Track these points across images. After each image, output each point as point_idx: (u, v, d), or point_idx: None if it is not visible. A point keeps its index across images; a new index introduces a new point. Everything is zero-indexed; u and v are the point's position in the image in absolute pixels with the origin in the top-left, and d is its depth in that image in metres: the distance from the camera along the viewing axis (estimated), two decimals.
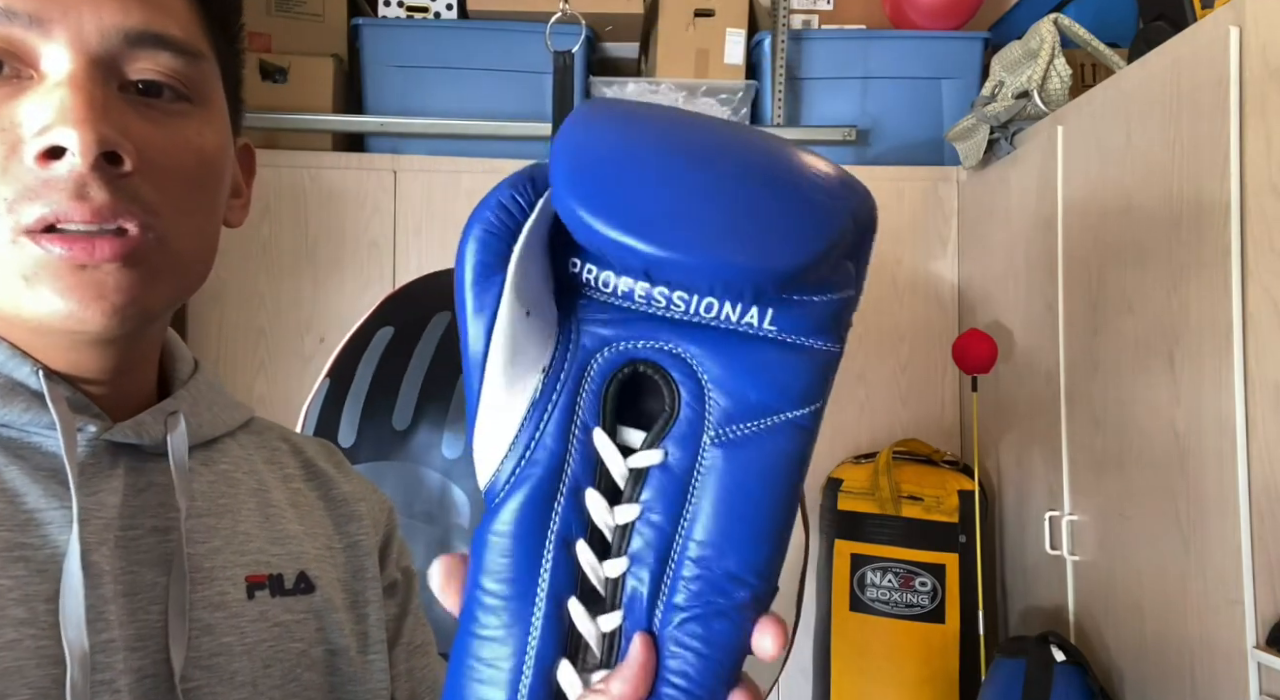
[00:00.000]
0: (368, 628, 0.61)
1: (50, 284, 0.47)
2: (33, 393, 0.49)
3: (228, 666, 0.51)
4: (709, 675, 0.37)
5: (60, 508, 0.48)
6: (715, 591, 0.37)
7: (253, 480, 0.59)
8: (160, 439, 0.53)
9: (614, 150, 0.37)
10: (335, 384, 1.15)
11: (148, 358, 0.56)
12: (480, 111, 2.26)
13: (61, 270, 0.46)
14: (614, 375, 0.39)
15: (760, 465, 0.38)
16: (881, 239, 2.27)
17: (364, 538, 0.64)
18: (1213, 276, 1.31)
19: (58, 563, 0.47)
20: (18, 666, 0.44)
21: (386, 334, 1.17)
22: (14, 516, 0.47)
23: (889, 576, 2.00)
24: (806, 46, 2.34)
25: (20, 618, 0.45)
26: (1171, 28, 1.51)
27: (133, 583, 0.49)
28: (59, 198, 0.46)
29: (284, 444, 0.64)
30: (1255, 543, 1.23)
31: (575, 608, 0.37)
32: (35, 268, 0.46)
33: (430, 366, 1.13)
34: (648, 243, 0.35)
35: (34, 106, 0.46)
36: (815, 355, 0.38)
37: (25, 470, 0.48)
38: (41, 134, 0.46)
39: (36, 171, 0.46)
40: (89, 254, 0.46)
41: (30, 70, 0.47)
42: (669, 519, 0.38)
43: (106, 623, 0.47)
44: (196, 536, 0.53)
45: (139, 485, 0.52)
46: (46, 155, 0.46)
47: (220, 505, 0.56)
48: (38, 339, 0.50)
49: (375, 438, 1.10)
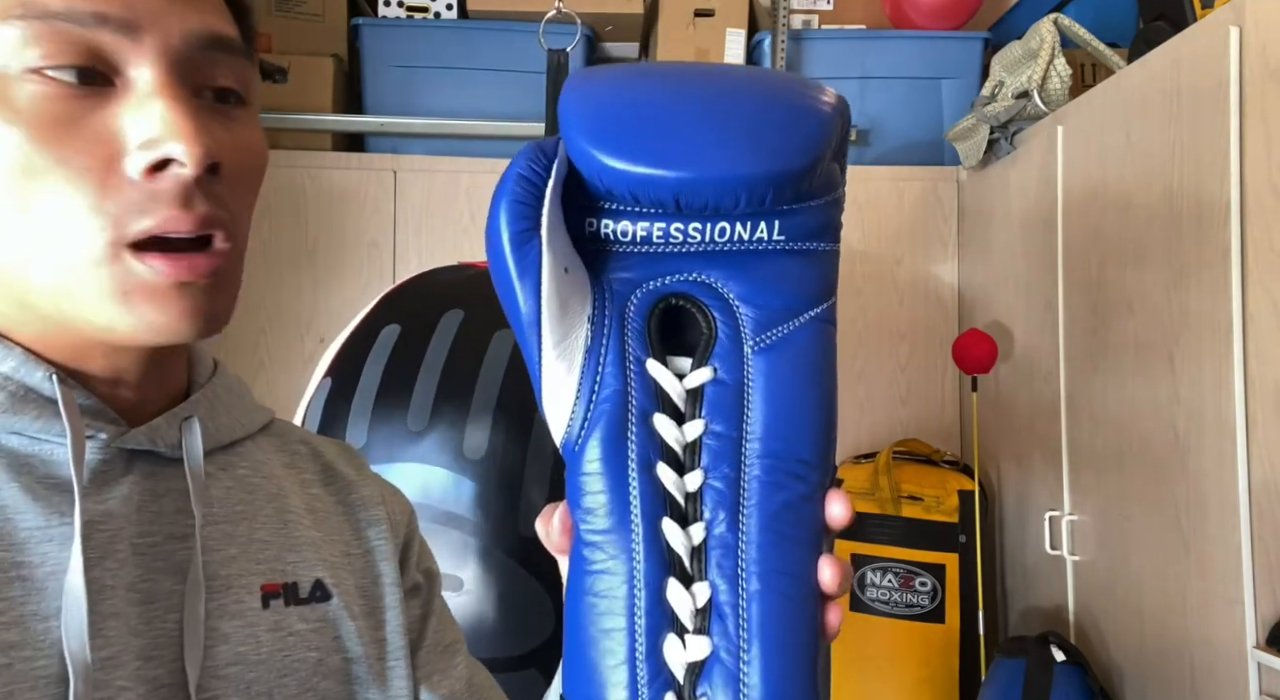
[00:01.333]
0: (386, 634, 0.60)
1: (149, 300, 0.46)
2: (45, 399, 0.48)
3: (243, 676, 0.51)
4: (810, 554, 0.41)
5: (62, 523, 0.47)
6: (794, 478, 0.41)
7: (271, 485, 0.58)
8: (176, 444, 0.52)
9: (618, 98, 0.41)
10: (338, 383, 1.12)
11: (176, 360, 0.55)
12: (480, 111, 2.26)
13: (161, 287, 0.46)
14: (652, 310, 0.42)
15: (799, 361, 0.42)
16: (881, 239, 2.28)
17: (383, 542, 0.63)
18: (1213, 276, 1.31)
19: (58, 579, 0.46)
20: (9, 692, 0.43)
21: (393, 332, 1.14)
22: (12, 535, 0.46)
23: (889, 576, 2.00)
24: (806, 46, 2.34)
25: (11, 641, 0.43)
26: (1171, 28, 1.51)
27: (149, 591, 0.49)
28: (165, 210, 0.46)
29: (303, 447, 0.64)
30: (1255, 543, 1.23)
31: (669, 526, 0.41)
32: (136, 285, 0.46)
33: (445, 366, 1.10)
34: (676, 169, 0.39)
35: (132, 118, 0.46)
36: (821, 256, 0.43)
37: (27, 485, 0.47)
38: (149, 147, 0.45)
39: (141, 185, 0.46)
40: (191, 271, 0.47)
41: (114, 77, 0.46)
42: (732, 426, 0.41)
43: (108, 638, 0.46)
44: (212, 544, 0.52)
45: (156, 491, 0.51)
46: (154, 169, 0.46)
47: (237, 512, 0.55)
48: (49, 338, 0.49)
49: (389, 438, 1.07)
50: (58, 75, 0.44)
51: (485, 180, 2.23)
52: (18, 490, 0.47)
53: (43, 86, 0.44)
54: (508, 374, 1.08)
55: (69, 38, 0.44)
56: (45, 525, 0.46)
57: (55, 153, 0.44)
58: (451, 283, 1.22)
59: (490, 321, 1.12)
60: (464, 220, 2.23)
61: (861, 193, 2.29)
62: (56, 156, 0.44)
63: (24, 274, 0.46)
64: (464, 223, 2.23)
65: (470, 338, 1.11)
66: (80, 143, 0.45)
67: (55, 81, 0.44)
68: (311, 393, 1.14)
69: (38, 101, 0.44)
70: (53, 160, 0.44)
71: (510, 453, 1.05)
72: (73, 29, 0.44)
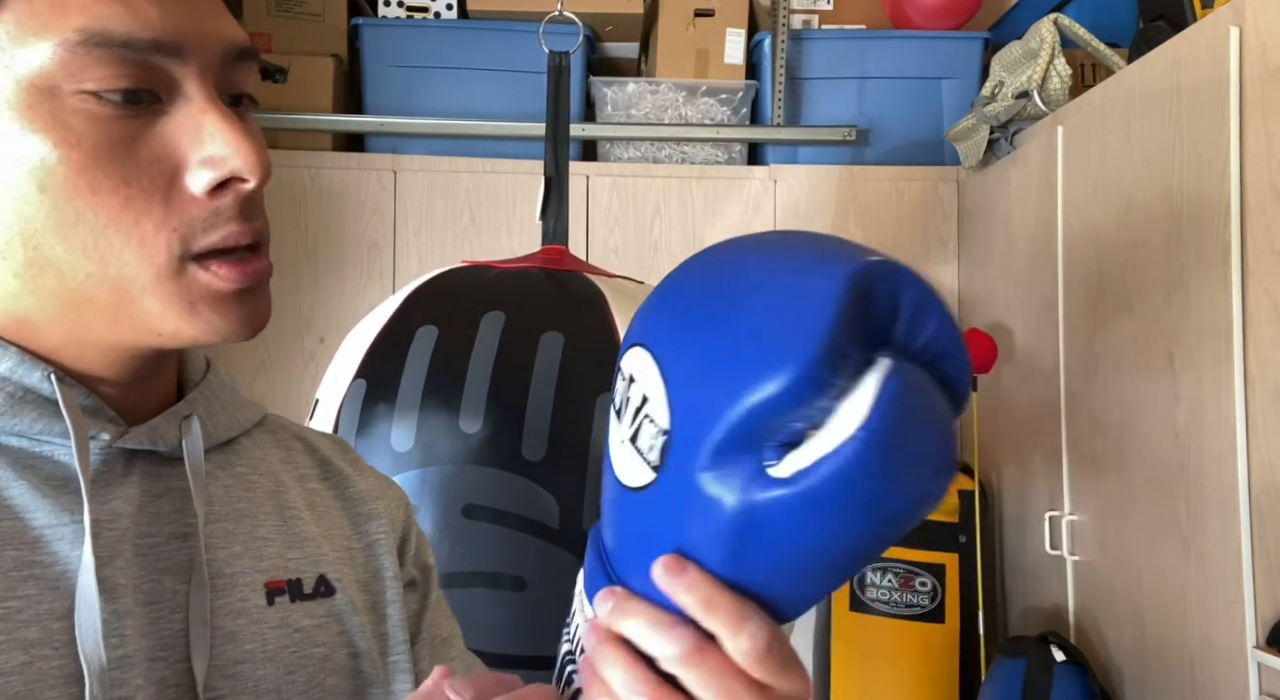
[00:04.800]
0: (388, 628, 0.61)
1: (214, 308, 0.49)
2: (44, 399, 0.48)
3: (251, 674, 0.51)
4: None
5: (72, 522, 0.47)
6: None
7: (269, 482, 0.58)
8: (176, 443, 0.52)
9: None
10: (375, 384, 1.11)
11: (170, 360, 0.55)
12: (480, 111, 2.26)
13: (226, 295, 0.49)
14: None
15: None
16: (881, 239, 2.28)
17: (382, 536, 0.63)
18: (1213, 276, 1.31)
19: (71, 579, 0.46)
20: (29, 690, 0.43)
21: (430, 333, 1.12)
22: (23, 534, 0.46)
23: (889, 576, 2.00)
24: (806, 46, 2.34)
25: (31, 639, 0.44)
26: (1171, 28, 1.51)
27: (153, 592, 0.49)
28: (227, 226, 0.48)
29: (299, 442, 0.64)
30: (1255, 543, 1.23)
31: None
32: (201, 294, 0.48)
33: (495, 367, 1.08)
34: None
35: (188, 136, 0.47)
36: None
37: (34, 484, 0.47)
38: (213, 165, 0.47)
39: (204, 202, 0.47)
40: (254, 277, 0.50)
41: (162, 95, 0.47)
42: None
43: (123, 637, 0.47)
44: (215, 542, 0.53)
45: (156, 491, 0.51)
46: (219, 185, 0.47)
47: (237, 510, 0.55)
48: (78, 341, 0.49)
49: (440, 440, 1.05)
50: (109, 97, 0.45)
51: (485, 180, 2.23)
52: (25, 489, 0.47)
53: (96, 107, 0.45)
54: (561, 376, 1.07)
55: (125, 63, 0.45)
56: (55, 524, 0.47)
57: (118, 174, 0.45)
58: (480, 284, 1.22)
59: (534, 323, 1.12)
60: (464, 220, 2.23)
61: (861, 193, 2.29)
62: (120, 177, 0.46)
63: (77, 286, 0.47)
64: (464, 223, 2.23)
65: (517, 339, 1.10)
66: (140, 163, 0.46)
67: (107, 102, 0.45)
68: (344, 394, 1.12)
69: (95, 123, 0.45)
70: (117, 181, 0.45)
71: (570, 453, 1.05)
72: (129, 54, 0.45)
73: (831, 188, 2.29)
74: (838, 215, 2.29)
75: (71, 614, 0.45)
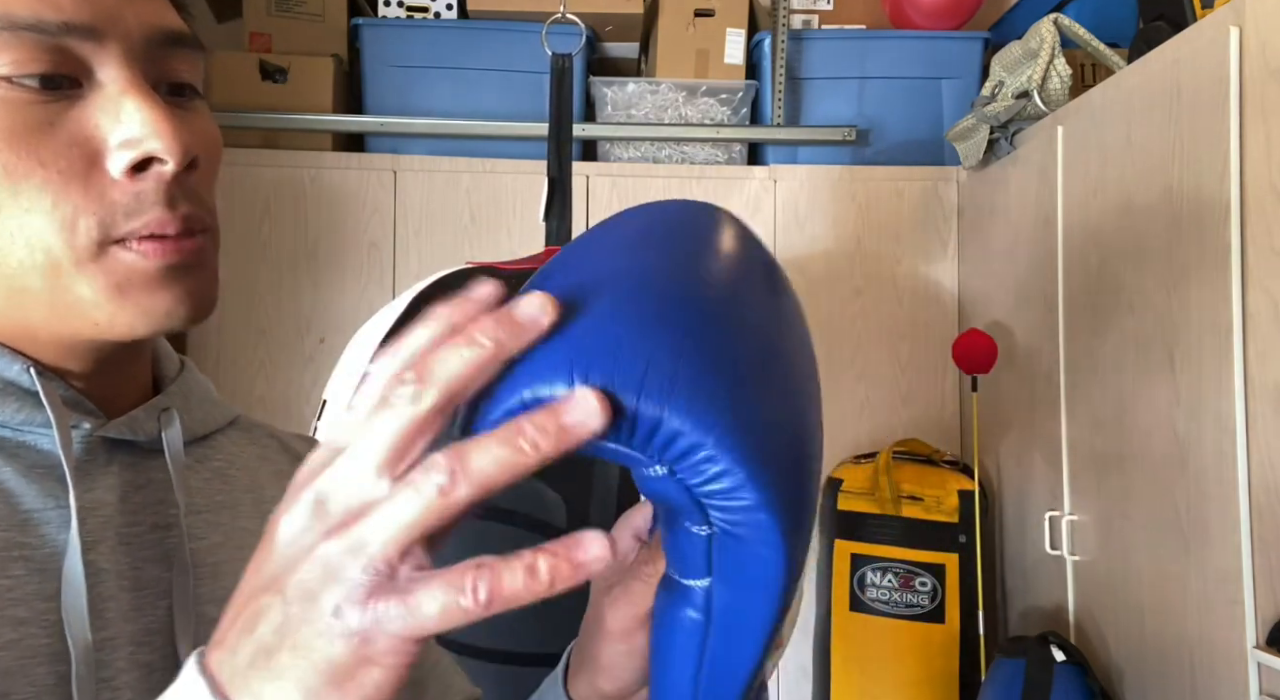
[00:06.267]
0: None
1: (143, 289, 0.48)
2: (25, 391, 0.49)
3: None
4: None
5: (57, 506, 0.48)
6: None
7: (246, 477, 0.59)
8: (155, 435, 0.53)
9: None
10: None
11: (141, 355, 0.56)
12: (480, 111, 2.26)
13: (152, 273, 0.48)
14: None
15: None
16: (881, 239, 2.28)
17: None
18: (1213, 276, 1.31)
19: (57, 561, 0.47)
20: (20, 665, 0.44)
21: None
22: (11, 516, 0.47)
23: (889, 576, 2.00)
24: (806, 46, 2.34)
25: (20, 617, 0.45)
26: (1171, 28, 1.51)
27: (137, 579, 0.50)
28: (151, 212, 0.47)
29: (272, 441, 0.65)
30: (1255, 543, 1.23)
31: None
32: (127, 275, 0.47)
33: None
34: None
35: (106, 118, 0.47)
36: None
37: (20, 470, 0.48)
38: (129, 146, 0.46)
39: (125, 185, 0.47)
40: (178, 253, 0.48)
41: (81, 80, 0.47)
42: None
43: (106, 620, 0.47)
44: (197, 533, 0.53)
45: (136, 482, 0.52)
46: (136, 167, 0.47)
47: (217, 502, 0.56)
48: (35, 334, 0.49)
49: (449, 440, 1.05)
50: (23, 81, 0.45)
51: (485, 180, 2.24)
52: (12, 474, 0.48)
53: (9, 92, 0.45)
54: None
55: (36, 46, 0.45)
56: (43, 508, 0.48)
57: (34, 157, 0.45)
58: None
59: None
60: (464, 220, 2.23)
61: (861, 193, 2.29)
62: (36, 160, 0.45)
63: (10, 274, 0.47)
64: (464, 223, 2.23)
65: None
66: (57, 145, 0.46)
67: (21, 87, 0.45)
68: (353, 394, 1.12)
69: (8, 107, 0.45)
70: (33, 164, 0.45)
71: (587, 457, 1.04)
72: (40, 38, 0.45)
73: (831, 188, 2.29)
74: (838, 215, 2.29)
75: (58, 595, 0.46)
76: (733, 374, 0.37)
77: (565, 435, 0.35)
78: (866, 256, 2.29)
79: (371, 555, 0.34)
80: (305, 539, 0.35)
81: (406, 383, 0.36)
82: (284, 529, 0.36)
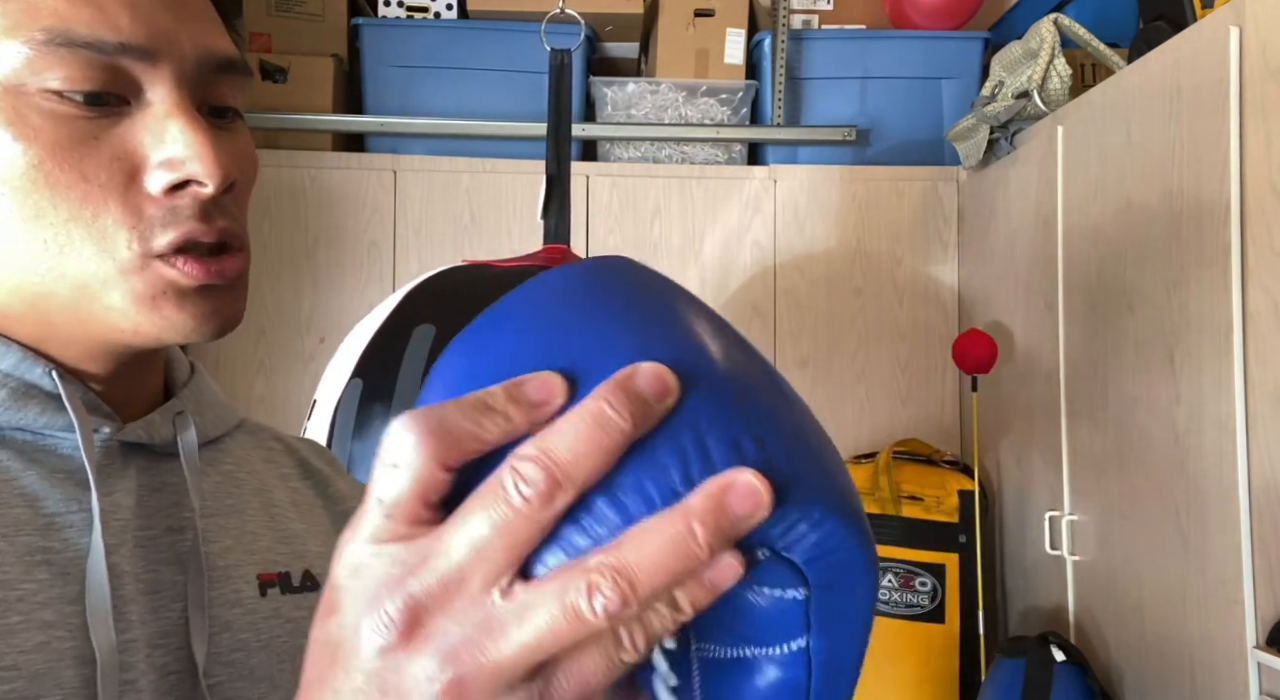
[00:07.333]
0: None
1: (175, 304, 0.49)
2: (46, 394, 0.49)
3: (246, 662, 0.53)
4: None
5: (80, 510, 0.48)
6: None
7: (254, 480, 0.60)
8: (170, 439, 0.54)
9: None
10: (371, 384, 1.11)
11: (156, 359, 0.57)
12: (480, 111, 2.26)
13: (188, 291, 0.49)
14: None
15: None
16: (881, 239, 2.28)
17: None
18: (1213, 276, 1.31)
19: (79, 564, 0.47)
20: (49, 669, 0.44)
21: (428, 332, 1.13)
22: (34, 520, 0.47)
23: (889, 576, 2.00)
24: (806, 46, 2.34)
25: (47, 620, 0.45)
26: (1171, 28, 1.51)
27: (153, 581, 0.50)
28: (186, 224, 0.48)
29: (277, 444, 0.66)
30: (1255, 543, 1.23)
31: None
32: (164, 288, 0.49)
33: None
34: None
35: (150, 137, 0.48)
36: None
37: (42, 474, 0.48)
38: (170, 167, 0.48)
39: (161, 201, 0.48)
40: (219, 275, 0.50)
41: (130, 98, 0.48)
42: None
43: (128, 622, 0.48)
44: (208, 535, 0.54)
45: (152, 485, 0.53)
46: (175, 187, 0.48)
47: (228, 505, 0.57)
48: (56, 336, 0.50)
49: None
50: (73, 96, 0.46)
51: (485, 180, 2.24)
52: (35, 478, 0.48)
53: (58, 106, 0.46)
54: None
55: (90, 64, 0.46)
56: (65, 512, 0.48)
57: (76, 170, 0.46)
58: (479, 282, 1.22)
59: None
60: (464, 220, 2.23)
61: (861, 193, 2.29)
62: (79, 173, 0.46)
63: (38, 279, 0.48)
64: (464, 223, 2.23)
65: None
66: (100, 160, 0.47)
67: (70, 102, 0.46)
68: (340, 393, 1.12)
69: (55, 120, 0.46)
70: (75, 177, 0.46)
71: None
72: (95, 57, 0.46)
73: (831, 188, 2.29)
74: (838, 215, 2.29)
75: (81, 598, 0.46)
76: (810, 437, 0.33)
77: (736, 528, 0.28)
78: (866, 256, 2.29)
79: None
80: (395, 659, 0.28)
81: (527, 469, 0.28)
82: (365, 640, 0.29)
